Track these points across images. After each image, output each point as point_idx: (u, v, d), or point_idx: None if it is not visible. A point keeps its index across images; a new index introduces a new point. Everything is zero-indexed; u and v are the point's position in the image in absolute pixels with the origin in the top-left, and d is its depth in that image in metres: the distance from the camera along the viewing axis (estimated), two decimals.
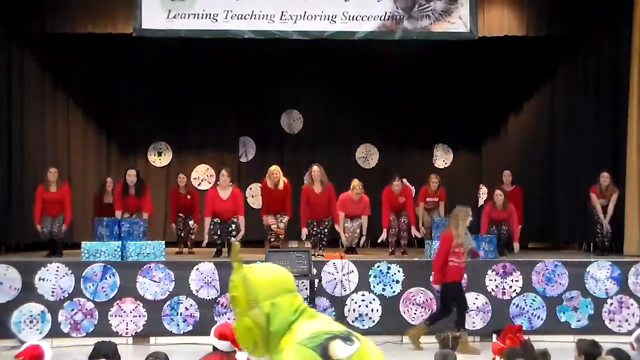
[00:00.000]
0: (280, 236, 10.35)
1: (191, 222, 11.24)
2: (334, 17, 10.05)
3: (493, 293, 8.77)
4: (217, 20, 9.99)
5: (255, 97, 13.31)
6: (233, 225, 9.62)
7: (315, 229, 10.07)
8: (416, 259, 9.46)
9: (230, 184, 9.87)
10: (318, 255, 9.63)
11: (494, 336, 5.38)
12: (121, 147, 13.39)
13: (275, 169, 10.30)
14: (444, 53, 12.23)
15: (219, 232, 9.66)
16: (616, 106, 10.41)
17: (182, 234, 11.31)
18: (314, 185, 10.06)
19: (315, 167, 10.12)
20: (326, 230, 10.10)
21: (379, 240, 10.13)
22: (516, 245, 10.03)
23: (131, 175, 10.07)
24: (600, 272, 8.82)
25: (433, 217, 10.41)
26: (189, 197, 11.26)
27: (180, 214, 11.24)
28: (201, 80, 13.20)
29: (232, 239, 9.69)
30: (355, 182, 10.24)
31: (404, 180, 10.55)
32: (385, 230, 10.12)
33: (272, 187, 10.17)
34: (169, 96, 13.25)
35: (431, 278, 8.25)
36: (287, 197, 10.23)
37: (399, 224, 10.19)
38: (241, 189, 10.38)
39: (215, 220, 9.65)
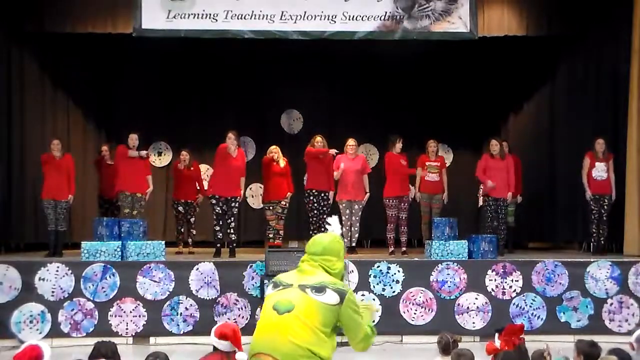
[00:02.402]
0: (280, 232, 10.38)
1: (192, 219, 11.24)
2: (334, 17, 10.05)
3: (493, 293, 8.77)
4: (217, 20, 10.00)
5: (255, 97, 13.31)
6: (234, 210, 9.70)
7: (315, 203, 10.06)
8: (416, 259, 9.46)
9: (237, 146, 9.87)
10: None
11: (497, 335, 5.38)
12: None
13: (274, 147, 10.53)
14: (444, 53, 12.23)
15: (221, 222, 9.69)
16: (616, 106, 10.41)
17: (182, 229, 11.33)
18: None
19: (318, 138, 10.20)
20: (326, 208, 10.12)
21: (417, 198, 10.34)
22: (509, 195, 10.03)
23: (133, 139, 9.88)
24: (600, 272, 8.82)
25: (433, 217, 10.35)
26: (192, 168, 11.24)
27: (180, 207, 11.20)
28: (201, 80, 13.20)
29: (233, 236, 9.75)
30: (351, 140, 10.29)
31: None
32: (414, 190, 10.32)
33: (272, 160, 10.38)
34: (169, 96, 13.25)
35: None
36: (288, 175, 10.46)
37: (398, 219, 10.18)
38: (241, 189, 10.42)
39: (218, 210, 9.66)
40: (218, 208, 9.69)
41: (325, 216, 10.16)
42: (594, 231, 9.95)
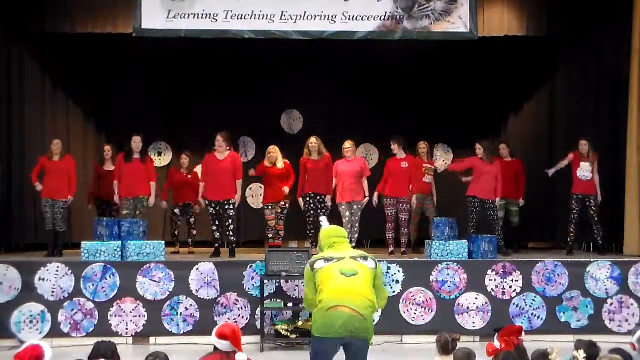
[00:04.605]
0: (280, 232, 10.36)
1: (192, 220, 11.25)
2: (334, 17, 10.05)
3: (493, 293, 8.78)
4: (217, 20, 9.99)
5: (255, 97, 13.30)
6: (230, 212, 9.64)
7: (312, 205, 10.07)
8: (416, 259, 9.46)
9: (228, 149, 9.80)
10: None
11: (496, 335, 5.39)
12: (121, 148, 13.35)
13: (272, 148, 10.44)
14: (444, 53, 12.22)
15: (217, 223, 9.68)
16: (616, 106, 10.41)
17: (177, 232, 11.34)
18: (311, 156, 10.19)
19: (312, 139, 10.21)
20: (324, 209, 10.11)
21: (373, 201, 10.21)
22: (497, 200, 10.05)
23: (136, 142, 9.88)
24: (600, 272, 8.82)
25: (433, 218, 10.34)
26: (189, 176, 11.24)
27: (177, 210, 11.22)
28: (201, 80, 13.19)
29: (232, 238, 9.75)
30: (347, 143, 10.27)
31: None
32: (376, 194, 10.18)
33: (269, 165, 10.28)
34: (169, 96, 13.23)
35: None
36: (290, 176, 10.35)
37: (398, 219, 10.18)
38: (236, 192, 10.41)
39: (211, 211, 9.65)
40: (211, 209, 9.70)
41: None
42: (572, 230, 10.03)
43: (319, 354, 4.75)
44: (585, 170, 9.92)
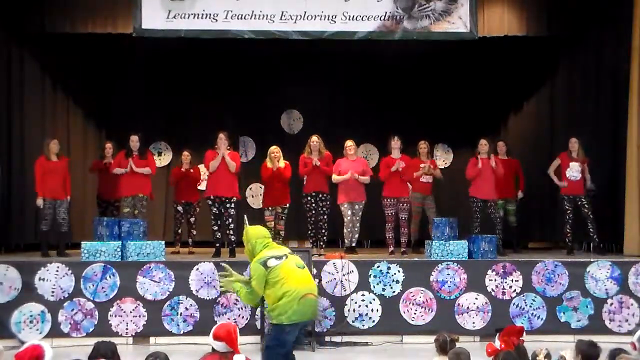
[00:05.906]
0: (280, 232, 10.35)
1: (192, 219, 11.26)
2: (334, 17, 10.06)
3: (493, 293, 8.78)
4: (217, 20, 10.01)
5: (255, 97, 13.31)
6: (231, 211, 9.64)
7: (313, 204, 10.06)
8: (416, 259, 9.46)
9: (228, 147, 9.82)
10: (319, 255, 9.64)
11: (497, 335, 5.39)
12: (121, 148, 13.33)
13: (275, 148, 10.35)
14: (444, 53, 12.23)
15: (219, 222, 9.68)
16: (616, 106, 10.41)
17: (180, 230, 11.35)
18: (311, 154, 10.18)
19: (314, 137, 10.21)
20: (325, 209, 10.07)
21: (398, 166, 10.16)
22: (493, 163, 10.00)
23: (134, 141, 9.93)
24: (600, 272, 8.82)
25: (433, 218, 10.33)
26: (191, 170, 11.27)
27: (180, 207, 11.23)
28: (201, 80, 13.20)
29: (232, 237, 9.73)
30: (349, 141, 10.26)
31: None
32: (398, 163, 10.11)
33: (272, 168, 10.19)
34: (169, 96, 13.24)
35: None
36: (288, 177, 10.25)
37: (398, 219, 10.18)
38: (240, 190, 10.39)
39: (214, 210, 9.67)
40: (214, 209, 9.70)
41: (325, 217, 10.17)
42: (568, 231, 10.02)
43: (287, 341, 5.40)
44: (574, 171, 9.92)
